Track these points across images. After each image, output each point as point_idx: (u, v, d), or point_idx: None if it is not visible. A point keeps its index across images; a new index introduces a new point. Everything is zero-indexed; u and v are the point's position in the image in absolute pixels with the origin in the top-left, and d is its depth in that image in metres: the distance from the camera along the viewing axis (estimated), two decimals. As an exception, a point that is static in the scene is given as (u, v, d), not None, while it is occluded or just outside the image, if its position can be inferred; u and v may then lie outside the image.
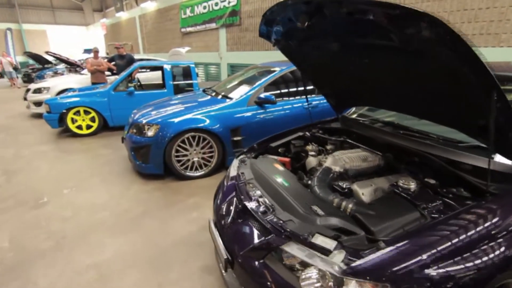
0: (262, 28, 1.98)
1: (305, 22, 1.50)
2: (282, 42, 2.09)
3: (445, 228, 1.16)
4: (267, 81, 3.73)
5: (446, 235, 1.12)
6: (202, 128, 3.34)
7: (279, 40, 2.10)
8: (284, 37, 2.02)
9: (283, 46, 2.16)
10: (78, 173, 3.72)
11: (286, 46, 2.14)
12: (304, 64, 2.33)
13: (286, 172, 1.83)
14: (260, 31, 2.01)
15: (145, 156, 3.37)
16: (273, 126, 3.67)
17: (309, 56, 2.14)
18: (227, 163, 3.61)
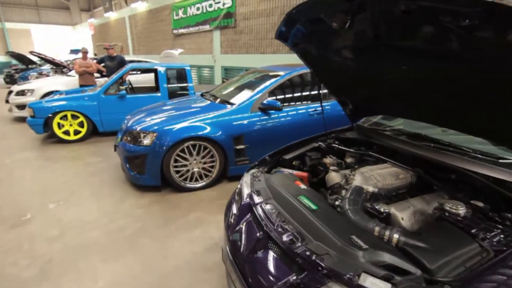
0: (282, 29, 1.77)
1: (344, 22, 1.30)
2: (302, 44, 1.89)
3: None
4: (271, 86, 3.52)
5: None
6: (202, 136, 3.10)
7: (297, 43, 1.90)
8: (305, 40, 1.82)
9: (302, 49, 1.96)
10: (66, 185, 3.41)
11: (305, 49, 1.94)
12: (322, 69, 2.13)
13: (311, 191, 1.61)
14: (279, 31, 1.81)
15: (141, 167, 3.09)
16: (277, 134, 3.47)
17: (331, 60, 1.94)
18: (229, 173, 3.37)
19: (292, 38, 1.87)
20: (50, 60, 10.44)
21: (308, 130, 3.73)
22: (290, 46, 2.00)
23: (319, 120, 3.73)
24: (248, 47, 8.85)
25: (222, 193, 3.22)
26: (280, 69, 3.92)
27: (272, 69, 4.15)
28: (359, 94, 2.20)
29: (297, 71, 3.70)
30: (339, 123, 3.91)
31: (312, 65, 2.12)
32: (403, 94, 1.80)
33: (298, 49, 1.98)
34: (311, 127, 3.70)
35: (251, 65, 8.84)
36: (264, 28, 8.19)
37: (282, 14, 7.63)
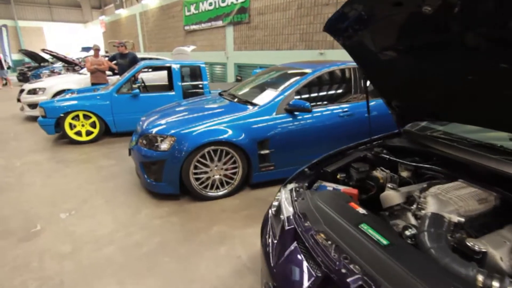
0: (333, 20, 1.49)
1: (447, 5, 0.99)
2: (355, 38, 1.59)
3: None
4: (298, 85, 3.21)
5: None
6: (224, 140, 2.83)
7: (350, 36, 1.61)
8: (360, 33, 1.53)
9: (353, 44, 1.67)
10: (78, 191, 3.19)
11: (357, 44, 1.64)
12: (374, 67, 1.82)
13: (373, 218, 1.32)
14: (330, 23, 1.53)
15: (158, 173, 2.85)
16: (305, 138, 3.18)
17: (387, 58, 1.64)
18: (252, 180, 3.10)
19: (345, 30, 1.58)
20: (62, 58, 10.35)
21: (338, 133, 3.43)
22: (339, 39, 1.71)
23: (350, 122, 3.42)
24: (263, 43, 8.54)
25: (245, 202, 2.95)
26: (304, 66, 3.61)
27: (295, 66, 3.84)
28: (413, 96, 1.89)
29: (326, 68, 3.39)
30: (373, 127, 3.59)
31: (363, 62, 1.82)
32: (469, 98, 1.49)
33: (348, 43, 1.69)
34: (341, 129, 3.39)
35: (265, 62, 8.54)
36: (280, 23, 7.85)
37: (300, 8, 7.29)
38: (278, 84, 3.55)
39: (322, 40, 6.94)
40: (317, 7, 6.90)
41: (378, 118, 3.58)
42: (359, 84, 3.49)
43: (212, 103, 3.63)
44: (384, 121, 3.66)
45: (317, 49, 7.09)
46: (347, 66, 3.51)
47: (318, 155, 3.41)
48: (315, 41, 7.12)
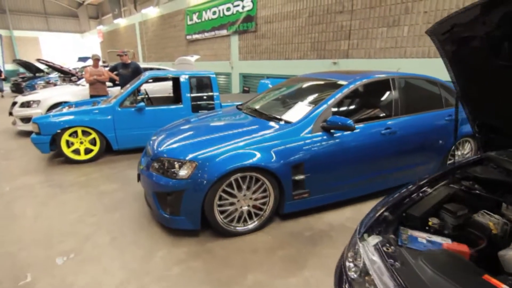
0: (440, 25, 1.09)
1: None
2: (461, 47, 1.19)
3: None
4: (334, 99, 2.79)
5: None
6: (255, 166, 2.37)
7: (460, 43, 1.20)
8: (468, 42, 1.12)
9: (455, 52, 1.25)
10: (77, 225, 2.69)
11: (460, 53, 1.23)
12: (472, 81, 1.40)
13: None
14: (436, 27, 1.13)
15: (175, 206, 2.37)
16: (344, 160, 2.75)
17: (493, 72, 1.22)
18: (283, 210, 2.64)
19: (450, 37, 1.17)
20: (58, 68, 9.90)
21: (380, 153, 2.99)
22: (441, 46, 1.29)
23: (393, 141, 2.98)
24: (270, 53, 8.18)
25: (279, 238, 2.48)
26: (335, 77, 3.20)
27: (324, 77, 3.44)
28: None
29: (365, 79, 2.98)
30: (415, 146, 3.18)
31: (462, 73, 1.40)
32: None
33: (451, 50, 1.27)
34: (383, 150, 2.95)
35: (273, 72, 8.17)
36: (290, 32, 7.51)
37: (311, 16, 6.96)
38: (308, 98, 3.13)
39: (336, 49, 6.59)
40: (330, 14, 6.57)
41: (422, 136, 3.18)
42: (403, 97, 3.08)
43: (233, 119, 3.19)
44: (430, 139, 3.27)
45: (330, 58, 6.73)
46: (388, 76, 3.11)
47: (356, 179, 2.98)
48: (328, 50, 6.77)
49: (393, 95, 3.08)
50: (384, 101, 3.10)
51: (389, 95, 3.08)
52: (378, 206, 1.54)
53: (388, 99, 3.08)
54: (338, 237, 2.51)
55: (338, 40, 6.51)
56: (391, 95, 3.08)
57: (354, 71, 3.59)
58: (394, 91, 3.09)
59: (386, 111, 3.05)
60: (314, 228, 2.66)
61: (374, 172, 2.98)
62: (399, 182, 3.27)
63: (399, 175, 3.18)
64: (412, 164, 3.22)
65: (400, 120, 3.02)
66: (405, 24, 5.50)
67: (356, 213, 2.92)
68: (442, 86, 3.48)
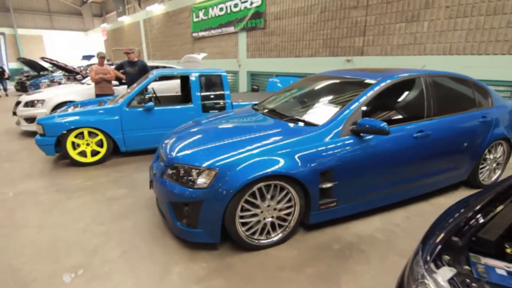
0: None
1: None
2: None
3: None
4: (364, 99, 2.55)
5: None
6: (281, 174, 2.15)
7: None
8: None
9: None
10: (85, 236, 2.49)
11: None
12: None
13: None
14: None
15: (192, 217, 2.15)
16: (374, 166, 2.52)
17: None
18: (309, 220, 2.41)
19: None
20: (62, 66, 9.72)
21: (412, 158, 2.75)
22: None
23: (426, 145, 2.73)
24: (280, 50, 7.94)
25: (305, 252, 2.26)
26: (361, 75, 2.96)
27: (346, 75, 3.19)
28: None
29: (395, 77, 2.74)
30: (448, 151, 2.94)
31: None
32: None
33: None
34: (416, 154, 2.71)
35: (282, 70, 7.93)
36: (300, 28, 7.27)
37: (324, 12, 6.71)
38: (332, 98, 2.91)
39: (349, 46, 6.34)
40: (343, 10, 6.32)
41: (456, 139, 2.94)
42: (435, 97, 2.84)
43: (250, 121, 2.96)
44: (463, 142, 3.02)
45: (343, 56, 6.48)
46: (419, 74, 2.87)
47: (386, 186, 2.75)
48: (341, 47, 6.51)
49: (425, 95, 2.84)
50: (415, 102, 2.86)
51: (421, 95, 2.84)
52: (437, 228, 1.31)
53: (419, 99, 2.84)
54: (370, 251, 2.28)
55: (352, 37, 6.26)
56: (423, 94, 2.84)
57: (377, 69, 3.35)
58: (425, 90, 2.85)
59: (418, 112, 2.81)
60: (342, 240, 2.43)
61: (404, 178, 2.75)
62: (429, 188, 3.04)
63: (429, 181, 2.95)
64: (444, 169, 2.99)
65: (433, 122, 2.78)
66: (425, 20, 5.24)
67: (386, 223, 2.69)
68: (474, 85, 3.23)
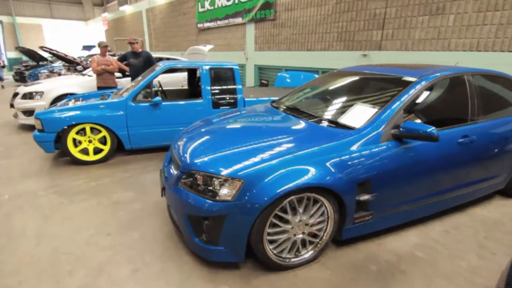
0: None
1: None
2: None
3: None
4: (406, 100, 2.25)
5: None
6: (317, 185, 1.86)
7: None
8: None
9: None
10: (89, 248, 2.21)
11: None
12: None
13: None
14: None
15: (213, 233, 1.87)
16: (416, 174, 2.23)
17: None
18: (342, 236, 2.14)
19: None
20: (62, 57, 9.35)
21: (455, 166, 2.44)
22: None
23: (472, 151, 2.44)
24: (290, 43, 7.59)
25: (340, 273, 1.98)
26: (397, 72, 2.65)
27: (379, 71, 2.87)
28: None
29: (439, 74, 2.43)
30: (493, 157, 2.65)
31: None
32: None
33: None
34: (459, 162, 2.41)
35: (293, 64, 7.59)
36: (313, 20, 6.91)
37: (339, 3, 6.34)
38: (365, 97, 2.61)
39: (366, 40, 5.99)
40: (361, 1, 5.95)
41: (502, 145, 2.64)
42: (480, 98, 2.54)
43: (273, 121, 2.66)
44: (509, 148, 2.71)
45: (359, 50, 6.14)
46: (463, 72, 2.56)
47: (424, 197, 2.45)
48: (357, 41, 6.17)
49: (469, 95, 2.54)
50: (458, 103, 2.56)
51: (464, 95, 2.54)
52: None
53: (463, 100, 2.54)
54: (413, 273, 2.01)
55: (369, 30, 5.91)
56: (467, 95, 2.54)
57: (410, 65, 3.04)
58: (469, 90, 2.55)
59: (461, 115, 2.51)
60: (378, 258, 2.16)
61: (444, 188, 2.46)
62: (466, 199, 2.76)
63: (468, 191, 2.67)
64: (485, 178, 2.71)
65: (478, 126, 2.49)
66: (451, 13, 4.89)
67: (423, 238, 2.41)
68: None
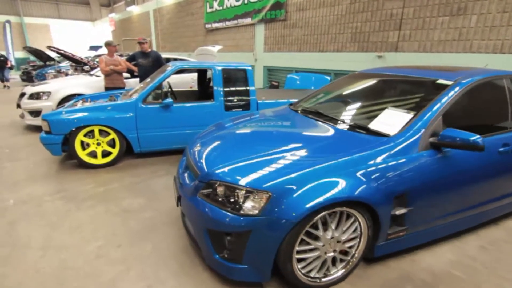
0: None
1: None
2: None
3: None
4: (444, 104, 2.06)
5: None
6: (353, 199, 1.68)
7: None
8: None
9: None
10: (98, 263, 2.05)
11: None
12: None
13: None
14: None
15: (236, 250, 1.70)
16: (455, 186, 2.03)
17: None
18: (374, 253, 1.95)
19: None
20: (69, 56, 9.27)
21: (495, 177, 2.23)
22: None
23: (509, 161, 2.26)
24: (302, 44, 7.41)
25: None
26: (428, 74, 2.46)
27: (404, 73, 2.68)
28: None
29: (477, 77, 2.24)
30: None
31: None
32: None
33: None
34: (499, 172, 2.21)
35: (304, 65, 7.41)
36: (326, 21, 6.73)
37: (354, 3, 6.16)
38: (397, 101, 2.42)
39: (382, 41, 5.80)
40: (377, 1, 5.77)
41: None
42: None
43: (296, 126, 2.49)
44: None
45: (374, 51, 5.95)
46: (502, 75, 2.37)
47: (461, 210, 2.25)
48: (372, 42, 5.98)
49: (509, 100, 2.35)
50: (497, 109, 2.36)
51: (504, 101, 2.34)
52: None
53: (503, 106, 2.34)
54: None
55: (385, 31, 5.72)
56: (506, 100, 2.34)
57: (441, 67, 2.85)
58: (509, 94, 2.36)
59: (501, 121, 2.32)
60: (413, 277, 1.97)
61: (482, 200, 2.27)
62: (503, 211, 2.56)
63: (505, 203, 2.47)
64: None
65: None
66: (473, 13, 4.68)
67: (459, 254, 2.21)
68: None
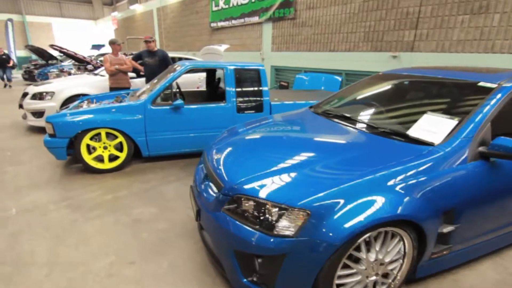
0: None
1: None
2: None
3: None
4: (490, 110, 1.86)
5: None
6: (397, 217, 1.48)
7: None
8: None
9: None
10: (110, 284, 1.86)
11: None
12: None
13: None
14: None
15: (268, 274, 1.50)
16: (503, 201, 1.84)
17: None
18: (417, 273, 1.76)
19: None
20: (72, 55, 9.09)
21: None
22: None
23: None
24: (312, 43, 7.20)
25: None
26: (466, 76, 2.26)
27: (435, 74, 2.48)
28: None
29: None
30: None
31: None
32: None
33: None
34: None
35: (313, 65, 7.21)
36: (337, 19, 6.52)
37: (367, 1, 5.94)
38: (435, 105, 2.22)
39: (397, 41, 5.59)
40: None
41: None
42: None
43: (324, 131, 2.28)
44: None
45: (388, 51, 5.74)
46: (553, 77, 2.16)
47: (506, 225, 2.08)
48: (386, 42, 5.77)
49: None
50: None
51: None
52: None
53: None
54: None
55: (401, 30, 5.51)
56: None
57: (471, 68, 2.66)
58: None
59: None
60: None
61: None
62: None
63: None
64: None
65: None
66: (496, 12, 4.47)
67: (503, 273, 2.02)
68: None
